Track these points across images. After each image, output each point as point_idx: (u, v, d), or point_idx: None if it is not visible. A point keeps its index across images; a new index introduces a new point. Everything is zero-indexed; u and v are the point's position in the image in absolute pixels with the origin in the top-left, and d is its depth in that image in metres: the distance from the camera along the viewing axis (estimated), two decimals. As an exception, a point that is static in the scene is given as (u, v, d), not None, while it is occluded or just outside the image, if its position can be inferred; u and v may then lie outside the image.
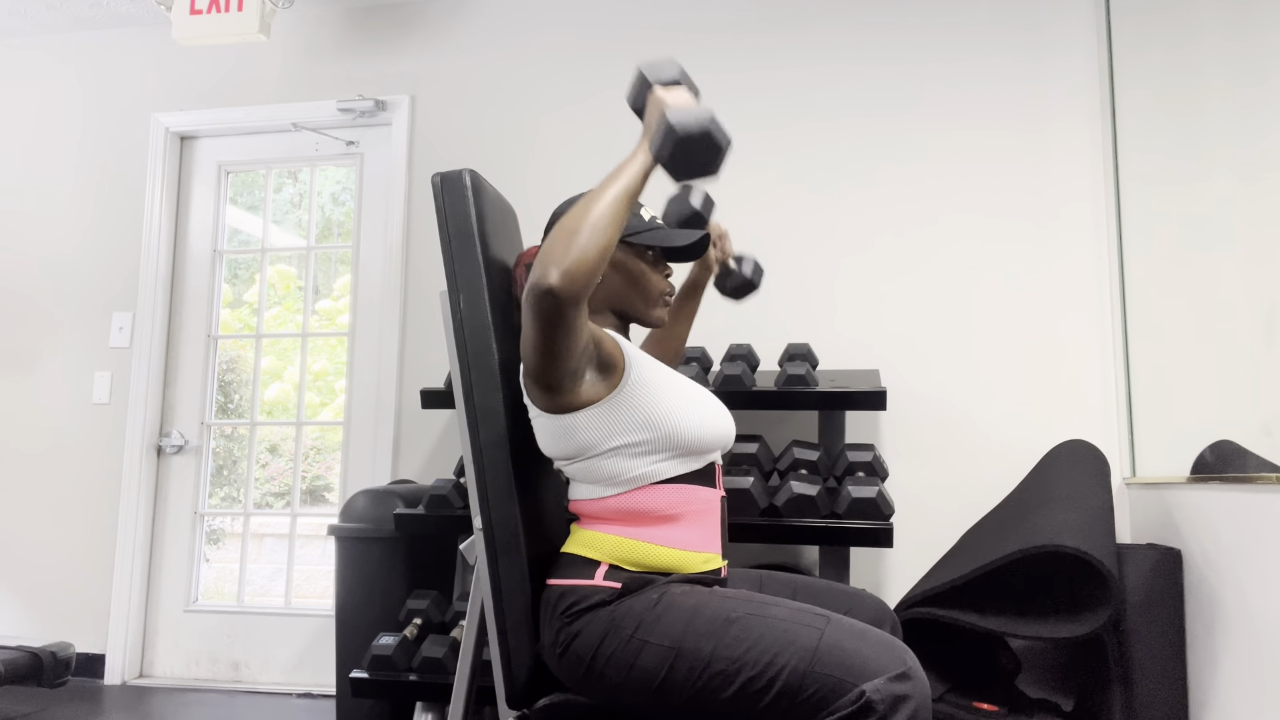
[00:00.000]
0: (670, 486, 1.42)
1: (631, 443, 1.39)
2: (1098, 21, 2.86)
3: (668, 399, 1.41)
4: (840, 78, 3.03)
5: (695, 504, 1.44)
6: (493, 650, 1.45)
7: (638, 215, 1.53)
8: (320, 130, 3.45)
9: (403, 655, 2.26)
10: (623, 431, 1.39)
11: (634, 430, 1.39)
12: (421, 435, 3.19)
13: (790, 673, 1.21)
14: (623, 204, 1.28)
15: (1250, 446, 1.90)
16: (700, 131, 1.27)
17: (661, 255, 1.55)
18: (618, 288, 1.52)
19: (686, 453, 1.42)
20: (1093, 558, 2.00)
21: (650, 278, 1.52)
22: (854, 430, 2.88)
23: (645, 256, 1.52)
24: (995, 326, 2.83)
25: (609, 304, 1.54)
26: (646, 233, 1.52)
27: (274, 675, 3.26)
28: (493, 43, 3.31)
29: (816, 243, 2.97)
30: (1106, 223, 2.80)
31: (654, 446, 1.40)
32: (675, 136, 1.27)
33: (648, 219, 1.54)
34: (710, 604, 1.30)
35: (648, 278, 1.52)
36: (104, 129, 3.57)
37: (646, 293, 1.53)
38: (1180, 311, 2.28)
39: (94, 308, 3.48)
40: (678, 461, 1.42)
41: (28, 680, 2.73)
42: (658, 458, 1.40)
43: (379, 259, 3.36)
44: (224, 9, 3.02)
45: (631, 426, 1.39)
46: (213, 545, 3.42)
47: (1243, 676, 1.89)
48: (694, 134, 1.28)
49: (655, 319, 1.55)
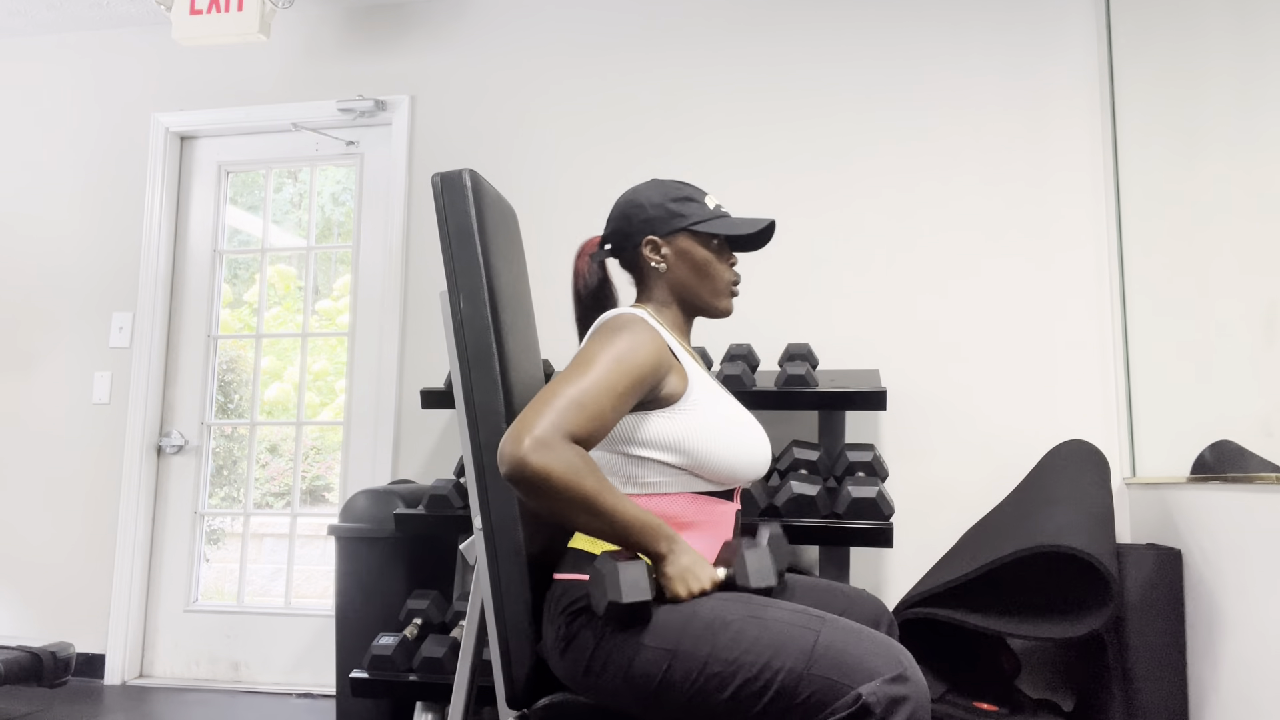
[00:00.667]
0: (689, 496, 1.42)
1: (664, 460, 1.40)
2: (1097, 13, 2.86)
3: (713, 430, 1.40)
4: (839, 78, 3.03)
5: (711, 516, 1.44)
6: (493, 650, 1.45)
7: (701, 203, 1.52)
8: (320, 130, 3.45)
9: (403, 655, 2.26)
10: (660, 446, 1.39)
11: (670, 450, 1.39)
12: (421, 435, 3.19)
13: (786, 675, 1.21)
14: (597, 531, 1.27)
15: (1250, 446, 1.90)
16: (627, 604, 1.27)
17: (726, 244, 1.54)
18: (684, 277, 1.51)
19: (715, 480, 1.43)
20: (1093, 558, 2.00)
21: (716, 266, 1.51)
22: (854, 430, 2.88)
23: (710, 245, 1.51)
24: (995, 326, 2.83)
25: (676, 294, 1.53)
26: (712, 220, 1.51)
27: (274, 675, 3.26)
28: (493, 42, 3.31)
29: (816, 243, 2.97)
30: (1107, 223, 2.80)
31: (685, 468, 1.41)
32: (613, 607, 1.27)
33: (712, 207, 1.52)
34: (707, 606, 1.30)
35: (714, 266, 1.51)
36: (104, 129, 3.57)
37: (714, 282, 1.52)
38: (1180, 311, 2.28)
39: (94, 308, 3.48)
40: (701, 483, 1.43)
41: (28, 680, 2.73)
42: (685, 477, 1.42)
43: (379, 259, 3.36)
44: (224, 9, 3.02)
45: (670, 445, 1.39)
46: (213, 545, 3.41)
47: (1243, 676, 1.89)
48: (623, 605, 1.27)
49: (722, 308, 1.54)
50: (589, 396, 1.27)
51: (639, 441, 1.40)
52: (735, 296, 1.55)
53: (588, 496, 1.24)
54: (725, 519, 1.47)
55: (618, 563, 1.27)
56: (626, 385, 1.31)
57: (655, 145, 3.13)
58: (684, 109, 3.12)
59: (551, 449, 1.21)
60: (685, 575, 1.31)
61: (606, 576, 1.26)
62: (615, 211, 1.56)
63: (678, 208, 1.51)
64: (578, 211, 3.16)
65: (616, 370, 1.31)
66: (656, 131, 3.13)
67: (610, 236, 1.56)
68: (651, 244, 1.51)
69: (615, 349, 1.33)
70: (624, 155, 3.15)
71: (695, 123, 3.11)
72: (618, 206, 1.56)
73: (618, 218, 1.54)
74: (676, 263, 1.51)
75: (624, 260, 1.56)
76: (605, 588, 1.26)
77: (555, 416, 1.24)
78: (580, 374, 1.30)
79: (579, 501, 1.23)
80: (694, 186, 1.55)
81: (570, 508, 1.23)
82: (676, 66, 3.15)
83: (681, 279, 1.51)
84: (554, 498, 1.22)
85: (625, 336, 1.35)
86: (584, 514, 1.24)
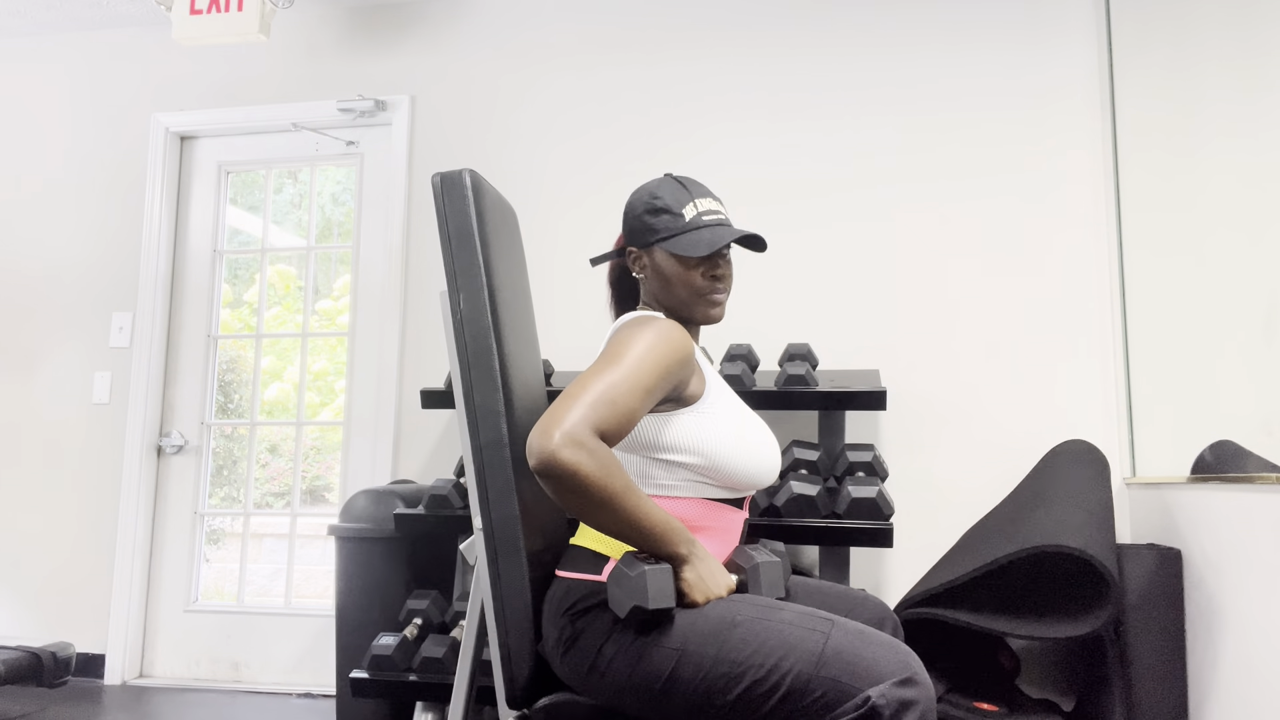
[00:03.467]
0: (699, 501, 1.42)
1: (680, 461, 1.39)
2: (1097, 13, 2.86)
3: (729, 437, 1.40)
4: (840, 77, 3.03)
5: (720, 522, 1.44)
6: (493, 650, 1.45)
7: (675, 213, 1.47)
8: (320, 130, 3.45)
9: (403, 655, 2.26)
10: (678, 448, 1.39)
11: (688, 453, 1.39)
12: (421, 435, 3.19)
13: (795, 677, 1.21)
14: (620, 531, 1.27)
15: (1250, 446, 1.90)
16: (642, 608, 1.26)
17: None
18: (656, 289, 1.50)
19: (727, 486, 1.42)
20: (1093, 558, 2.00)
21: (687, 277, 1.46)
22: (854, 430, 2.88)
23: (680, 258, 1.47)
24: (995, 326, 2.83)
25: (660, 302, 1.52)
26: (677, 237, 1.46)
27: (274, 675, 3.26)
28: (493, 42, 3.31)
29: (816, 243, 2.97)
30: (1107, 223, 2.80)
31: (697, 472, 1.40)
32: (634, 610, 1.27)
33: (689, 217, 1.46)
34: (715, 606, 1.30)
35: (684, 278, 1.46)
36: (104, 129, 3.57)
37: (684, 293, 1.47)
38: (1181, 311, 2.28)
39: (94, 308, 3.48)
40: (715, 489, 1.43)
41: (28, 680, 2.73)
42: (698, 481, 1.41)
43: (379, 259, 3.36)
44: (224, 9, 3.02)
45: (687, 447, 1.39)
46: (213, 545, 3.41)
47: (1243, 676, 1.89)
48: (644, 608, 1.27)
49: (699, 318, 1.50)
50: (619, 392, 1.26)
51: (657, 443, 1.39)
52: (716, 305, 1.48)
53: (615, 495, 1.23)
54: (734, 526, 1.47)
55: (645, 567, 1.26)
56: (654, 381, 1.31)
57: (655, 144, 3.13)
58: (684, 108, 3.12)
59: (583, 446, 1.21)
60: (703, 581, 1.31)
61: (634, 581, 1.25)
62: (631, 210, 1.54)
63: (651, 220, 1.48)
64: (578, 211, 3.16)
65: (645, 366, 1.31)
66: (656, 130, 3.13)
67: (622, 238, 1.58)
68: (632, 254, 1.52)
69: (643, 344, 1.32)
70: (624, 155, 3.15)
71: (695, 122, 3.11)
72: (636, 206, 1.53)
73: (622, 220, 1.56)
74: (652, 274, 1.50)
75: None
76: (632, 592, 1.25)
77: (586, 411, 1.23)
78: (610, 369, 1.29)
79: (605, 499, 1.22)
80: (680, 190, 1.49)
81: (595, 505, 1.23)
82: (677, 66, 3.15)
83: (655, 291, 1.51)
84: (581, 494, 1.21)
85: (652, 332, 1.35)
86: (607, 512, 1.24)
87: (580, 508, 1.23)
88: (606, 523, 1.25)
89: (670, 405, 1.40)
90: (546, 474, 1.20)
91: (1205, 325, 2.13)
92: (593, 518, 1.25)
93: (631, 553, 1.30)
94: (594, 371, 1.29)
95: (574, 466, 1.20)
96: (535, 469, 1.21)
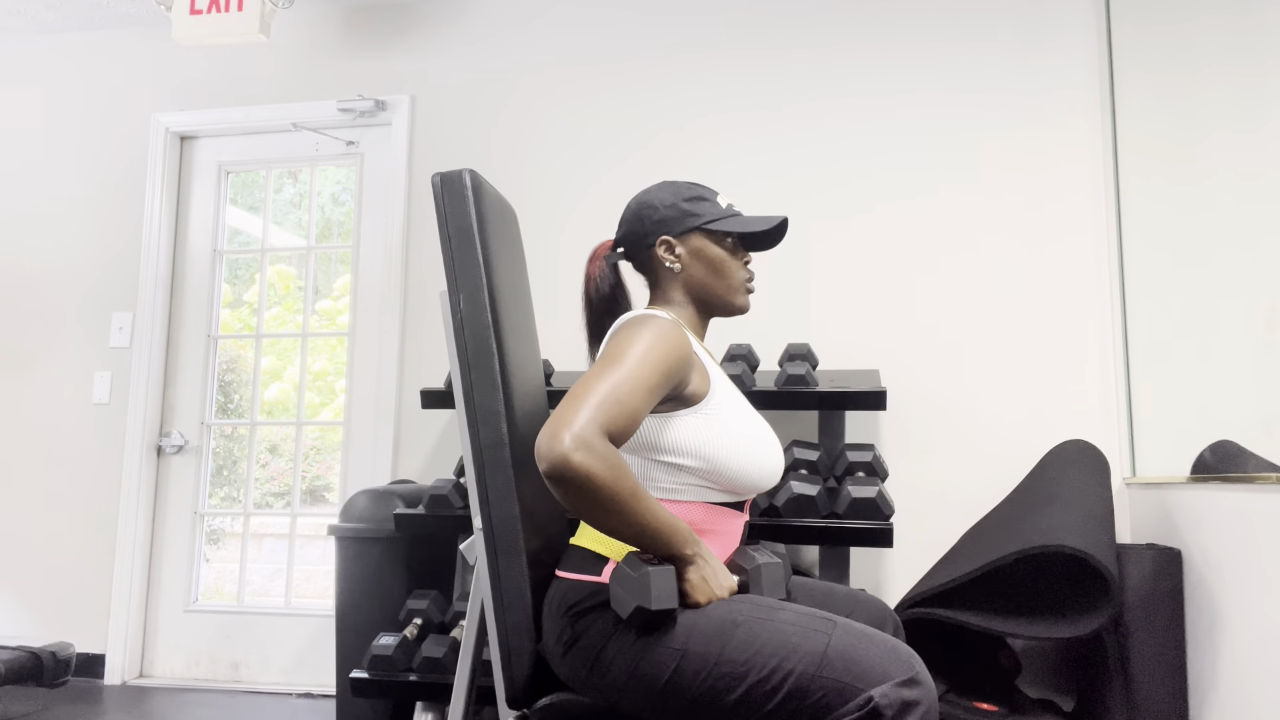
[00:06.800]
0: (701, 505, 1.42)
1: (683, 464, 1.39)
2: (1097, 13, 2.86)
3: (733, 441, 1.40)
4: (840, 80, 3.03)
5: (721, 525, 1.44)
6: (493, 650, 1.45)
7: (714, 202, 1.52)
8: (320, 130, 3.45)
9: (403, 655, 2.26)
10: (681, 450, 1.39)
11: (690, 455, 1.39)
12: (421, 435, 3.19)
13: (797, 677, 1.21)
14: (628, 534, 1.26)
15: (1250, 446, 1.90)
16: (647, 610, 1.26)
17: (740, 242, 1.54)
18: (699, 276, 1.51)
19: (729, 489, 1.42)
20: (1093, 558, 2.00)
21: (731, 264, 1.51)
22: (854, 430, 2.88)
23: (724, 243, 1.51)
24: (995, 326, 2.83)
25: (691, 294, 1.52)
26: (726, 219, 1.51)
27: (274, 675, 3.26)
28: (493, 43, 3.31)
29: (816, 243, 2.97)
30: (1107, 223, 2.80)
31: (699, 476, 1.40)
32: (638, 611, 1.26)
33: (724, 206, 1.53)
34: (717, 607, 1.30)
35: (729, 264, 1.51)
36: (104, 129, 3.57)
37: (729, 280, 1.52)
38: (1181, 311, 2.28)
39: (94, 308, 3.48)
40: (716, 493, 1.42)
41: (28, 680, 2.73)
42: (699, 485, 1.41)
43: (379, 259, 3.36)
44: (224, 9, 3.02)
45: (691, 450, 1.38)
46: (213, 545, 3.41)
47: (1243, 676, 1.89)
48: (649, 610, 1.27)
49: (739, 305, 1.54)
50: (623, 392, 1.26)
51: (659, 444, 1.39)
52: (751, 294, 1.55)
53: (624, 498, 1.22)
54: (735, 529, 1.47)
55: (649, 568, 1.26)
56: (656, 380, 1.31)
57: (655, 145, 3.13)
58: (684, 109, 3.12)
59: (593, 448, 1.20)
60: (707, 582, 1.31)
61: (638, 581, 1.25)
62: (627, 214, 1.55)
63: (691, 207, 1.51)
64: (578, 211, 3.16)
65: (647, 365, 1.30)
66: (656, 131, 3.13)
67: (623, 239, 1.55)
68: (665, 244, 1.51)
69: (643, 343, 1.32)
70: (624, 155, 3.15)
71: (695, 121, 3.11)
72: (629, 209, 1.55)
73: (630, 219, 1.54)
74: (691, 262, 1.51)
75: (637, 263, 1.56)
76: (635, 592, 1.25)
77: (593, 413, 1.22)
78: (613, 369, 1.28)
79: (614, 502, 1.22)
80: (705, 186, 1.55)
81: (604, 509, 1.22)
82: (677, 67, 3.15)
83: (697, 278, 1.51)
84: (592, 498, 1.20)
85: (650, 331, 1.35)
86: (616, 515, 1.23)
87: (590, 511, 1.23)
88: (616, 526, 1.24)
89: (672, 405, 1.40)
90: (558, 478, 1.19)
91: (1205, 325, 2.13)
92: (602, 521, 1.24)
93: (634, 553, 1.30)
94: (596, 372, 1.29)
95: (586, 471, 1.19)
96: (546, 473, 1.20)
